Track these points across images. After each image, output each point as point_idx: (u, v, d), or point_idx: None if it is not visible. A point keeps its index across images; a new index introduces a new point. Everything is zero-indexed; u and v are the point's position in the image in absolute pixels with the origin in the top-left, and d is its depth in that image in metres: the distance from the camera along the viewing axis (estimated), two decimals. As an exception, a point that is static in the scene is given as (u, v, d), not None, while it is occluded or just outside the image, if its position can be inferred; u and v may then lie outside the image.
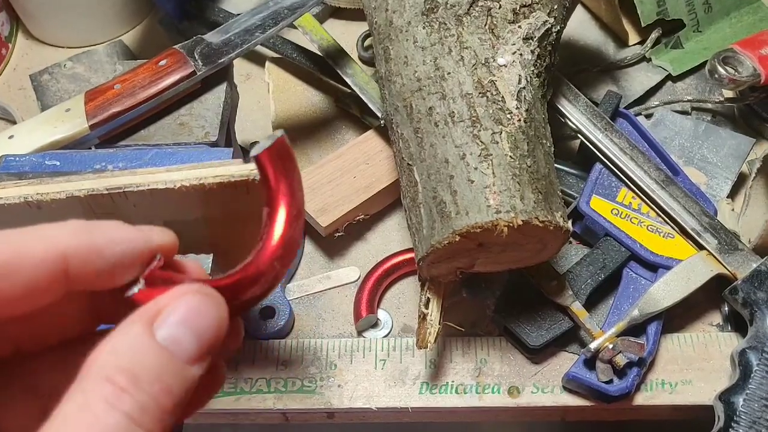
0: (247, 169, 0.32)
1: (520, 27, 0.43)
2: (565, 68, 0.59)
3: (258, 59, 0.64)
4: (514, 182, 0.39)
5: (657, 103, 0.57)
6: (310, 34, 0.57)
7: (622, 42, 0.61)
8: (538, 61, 0.44)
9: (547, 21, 0.44)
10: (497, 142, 0.40)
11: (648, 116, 0.57)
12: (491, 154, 0.40)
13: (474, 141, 0.40)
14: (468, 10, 0.43)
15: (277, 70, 0.61)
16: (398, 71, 0.44)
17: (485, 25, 0.43)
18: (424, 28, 0.44)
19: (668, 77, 0.59)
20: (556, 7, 0.45)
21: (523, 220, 0.38)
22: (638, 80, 0.59)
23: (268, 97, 0.61)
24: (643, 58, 0.60)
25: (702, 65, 0.59)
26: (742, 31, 0.60)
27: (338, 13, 0.66)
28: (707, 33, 0.61)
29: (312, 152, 0.57)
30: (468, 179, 0.39)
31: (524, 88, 0.42)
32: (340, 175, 0.53)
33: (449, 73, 0.42)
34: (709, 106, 0.57)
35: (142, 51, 0.66)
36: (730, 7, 0.61)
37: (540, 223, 0.39)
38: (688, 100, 0.57)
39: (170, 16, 0.65)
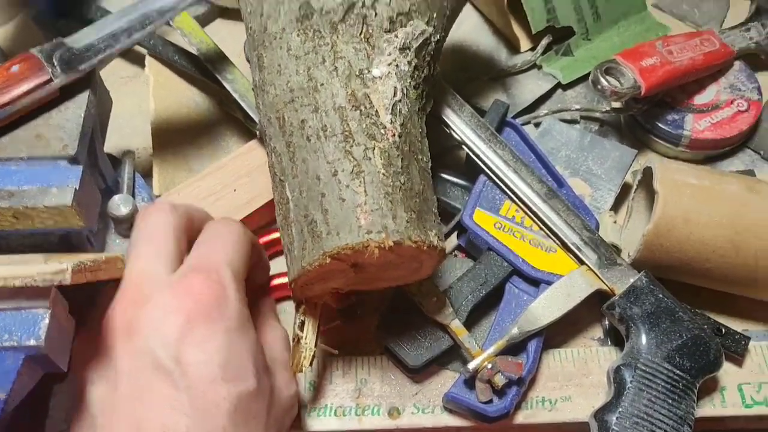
0: (51, 272, 0.30)
1: (396, 36, 0.42)
2: (455, 75, 0.58)
3: (141, 60, 0.60)
4: (387, 201, 0.38)
5: (546, 111, 0.57)
6: (189, 36, 0.54)
7: (514, 48, 0.61)
8: (416, 72, 0.42)
9: (425, 30, 0.43)
10: (370, 159, 0.38)
11: (537, 125, 0.57)
12: (363, 171, 0.38)
13: (346, 157, 0.38)
14: (343, 17, 0.41)
15: (158, 65, 0.58)
16: (271, 81, 0.42)
17: (360, 34, 0.41)
18: (298, 35, 0.42)
19: (558, 85, 0.59)
20: (435, 15, 0.44)
21: (394, 241, 0.37)
22: (528, 88, 0.59)
23: (148, 101, 0.57)
24: (534, 65, 0.60)
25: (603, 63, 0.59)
26: (629, 39, 0.61)
27: (226, 13, 0.63)
28: (596, 41, 0.61)
29: (193, 160, 0.54)
30: (339, 197, 0.38)
31: (400, 101, 0.41)
32: (221, 188, 0.50)
33: (322, 85, 0.40)
34: (597, 115, 0.57)
35: (15, 49, 0.62)
36: (618, 16, 0.62)
37: (413, 243, 0.37)
38: (576, 109, 0.57)
39: (45, 12, 0.61)
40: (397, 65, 0.41)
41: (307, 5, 0.42)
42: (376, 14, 0.42)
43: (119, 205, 0.45)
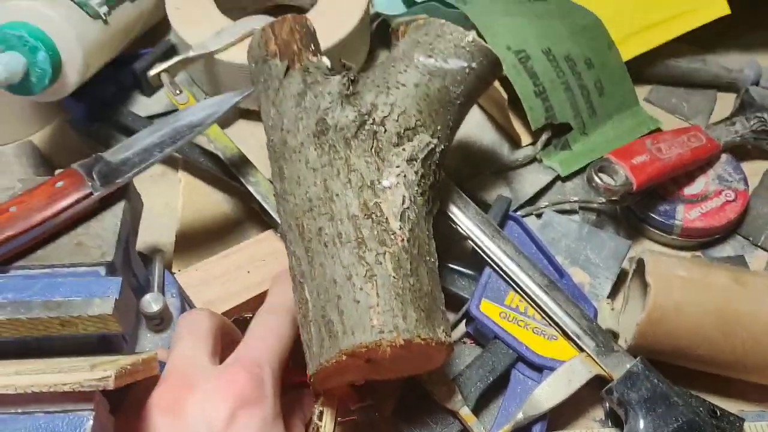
0: (96, 379, 0.34)
1: (404, 149, 0.46)
2: (461, 170, 0.63)
3: (170, 161, 0.65)
4: (397, 302, 0.41)
5: (546, 203, 0.61)
6: (214, 142, 0.59)
7: (515, 143, 0.65)
8: (422, 180, 0.46)
9: (430, 142, 0.47)
10: (381, 263, 0.42)
11: (539, 215, 0.61)
12: (375, 275, 0.42)
13: (360, 262, 0.42)
14: (355, 133, 0.46)
15: (188, 166, 0.63)
16: (291, 191, 0.46)
17: (371, 148, 0.46)
18: (315, 149, 0.46)
19: (558, 177, 0.63)
20: (439, 127, 0.48)
21: (405, 339, 0.40)
22: (530, 181, 0.63)
23: (177, 197, 0.62)
24: (535, 159, 0.64)
25: (588, 166, 0.63)
26: (624, 133, 0.65)
27: (247, 114, 0.68)
28: (593, 135, 0.65)
29: (216, 250, 0.58)
30: (354, 299, 0.41)
31: (408, 208, 0.45)
32: (236, 269, 0.54)
33: (337, 195, 0.44)
34: (595, 206, 0.61)
35: (52, 151, 0.67)
36: (612, 111, 0.66)
37: (422, 341, 0.41)
38: (575, 201, 0.61)
39: (80, 117, 0.66)
40: (405, 176, 0.45)
41: (323, 122, 0.46)
42: (385, 130, 0.46)
43: (150, 303, 0.49)
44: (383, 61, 0.51)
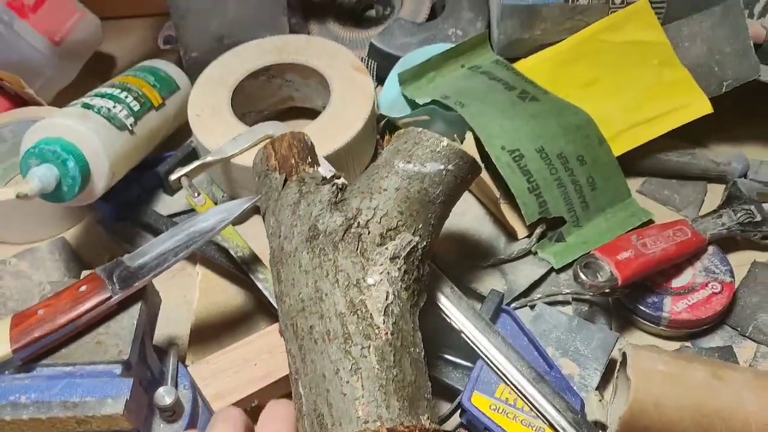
0: None
1: (387, 248, 0.50)
2: (459, 262, 0.66)
3: (190, 255, 0.70)
4: (381, 392, 0.44)
5: (540, 295, 0.64)
6: (228, 241, 0.63)
7: (512, 236, 0.69)
8: (406, 275, 0.50)
9: (412, 240, 0.51)
10: (366, 356, 0.46)
11: (532, 307, 0.64)
12: (360, 368, 0.45)
13: (346, 356, 0.46)
14: (343, 236, 0.50)
15: (208, 262, 0.68)
16: (287, 292, 0.50)
17: (357, 249, 0.50)
18: (307, 253, 0.50)
19: (552, 269, 0.66)
20: (421, 226, 0.52)
21: (388, 428, 0.43)
22: (525, 273, 0.66)
23: (194, 290, 0.67)
24: (530, 252, 0.67)
25: (582, 257, 0.66)
26: (616, 226, 0.68)
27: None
28: (586, 228, 0.68)
29: (226, 342, 0.62)
30: (341, 392, 0.45)
31: (392, 303, 0.48)
32: (243, 362, 0.58)
33: (327, 295, 0.48)
34: (586, 297, 0.63)
35: (82, 248, 0.72)
36: (604, 204, 0.69)
37: (405, 428, 0.44)
38: (567, 293, 0.64)
39: (107, 216, 0.72)
40: (388, 273, 0.49)
41: (315, 228, 0.51)
42: (369, 232, 0.50)
43: (164, 396, 0.53)
44: (369, 168, 0.55)
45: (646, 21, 0.76)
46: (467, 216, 0.71)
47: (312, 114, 0.82)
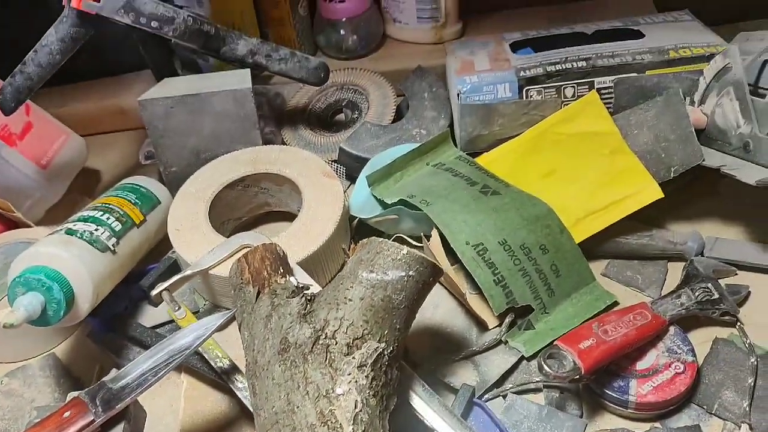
0: None
1: (354, 358, 0.53)
2: (432, 356, 0.68)
3: (173, 365, 0.72)
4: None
5: (511, 385, 0.66)
6: (207, 352, 0.66)
7: (483, 326, 0.71)
8: (374, 382, 0.52)
9: (378, 347, 0.54)
10: (336, 466, 0.48)
11: (505, 396, 0.66)
12: (331, 478, 0.47)
13: (318, 467, 0.48)
14: (311, 348, 0.53)
15: (192, 371, 0.70)
16: (261, 406, 0.53)
17: (325, 360, 0.52)
18: (279, 366, 0.53)
19: (524, 357, 0.69)
20: (386, 332, 0.55)
21: None
22: (496, 363, 0.68)
23: (179, 400, 0.69)
24: (501, 341, 0.70)
25: (552, 343, 0.69)
26: (582, 310, 0.71)
27: (242, 316, 0.75)
28: (554, 314, 0.71)
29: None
30: (316, 504, 0.47)
31: (360, 411, 0.50)
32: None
33: (298, 407, 0.50)
34: (556, 384, 0.66)
35: (72, 362, 0.75)
36: (569, 290, 0.72)
37: None
38: (538, 381, 0.66)
39: (96, 329, 0.74)
40: (356, 381, 0.52)
41: (285, 340, 0.53)
42: (336, 342, 0.53)
43: None
44: (335, 279, 0.58)
45: (597, 112, 0.80)
46: (440, 309, 0.74)
47: (287, 216, 0.86)
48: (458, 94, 0.84)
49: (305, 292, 0.58)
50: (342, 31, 1.02)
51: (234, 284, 0.62)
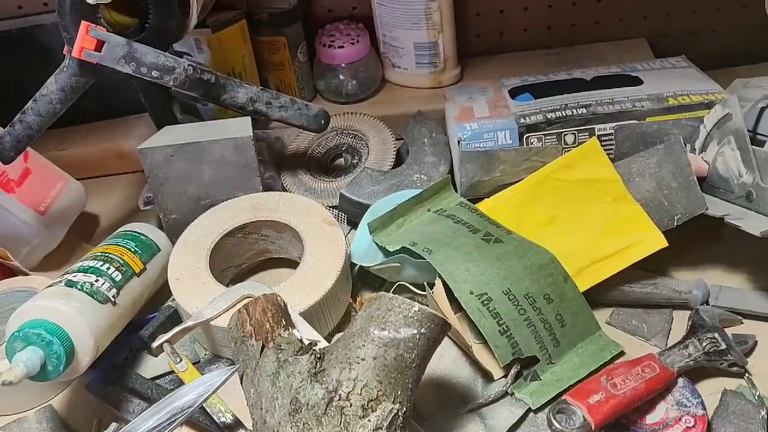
0: None
1: (369, 420, 0.52)
2: (437, 410, 0.67)
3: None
4: None
5: (519, 439, 0.65)
6: (210, 407, 0.65)
7: (488, 376, 0.71)
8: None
9: (393, 409, 0.53)
10: None
11: (513, 452, 0.65)
12: None
13: None
14: (325, 410, 0.52)
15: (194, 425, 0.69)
16: (271, 469, 0.52)
17: (340, 423, 0.51)
18: (291, 427, 0.52)
19: (530, 409, 0.68)
20: (400, 392, 0.54)
21: None
22: (503, 416, 0.67)
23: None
24: (507, 393, 0.69)
25: (559, 395, 0.68)
26: (588, 360, 0.70)
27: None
28: (559, 364, 0.70)
29: None
30: None
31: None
32: None
33: (312, 473, 0.50)
34: (565, 437, 0.65)
35: (70, 413, 0.73)
36: (575, 339, 0.72)
37: None
38: (546, 435, 0.65)
39: (95, 381, 0.73)
40: (370, 445, 0.51)
41: (296, 401, 0.52)
42: (351, 405, 0.52)
43: None
44: (345, 334, 0.57)
45: (598, 159, 0.80)
46: (445, 359, 0.73)
47: (287, 263, 0.85)
48: (459, 141, 0.84)
49: (314, 348, 0.57)
50: (341, 76, 1.02)
51: (235, 337, 0.61)
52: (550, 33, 1.08)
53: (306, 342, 0.60)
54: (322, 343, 0.63)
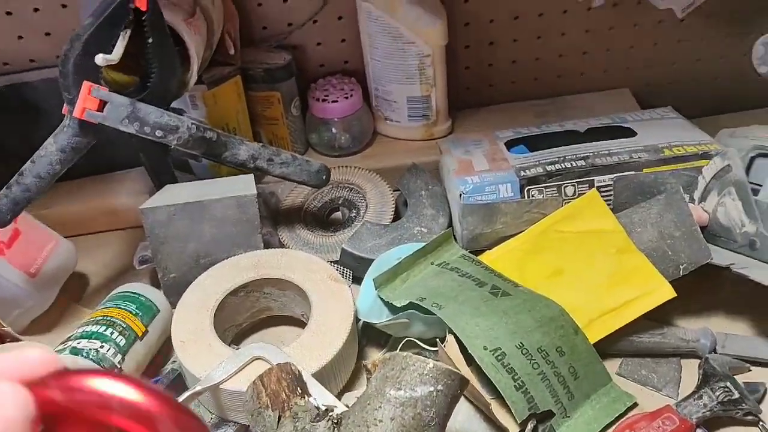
0: None
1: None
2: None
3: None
4: None
5: (541, 497, 0.64)
6: (224, 476, 0.63)
7: (504, 433, 0.70)
8: None
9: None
10: None
11: None
12: None
13: None
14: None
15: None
16: None
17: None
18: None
19: (549, 464, 0.67)
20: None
21: None
22: (522, 472, 0.66)
23: None
24: (524, 453, 0.68)
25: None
26: (602, 412, 0.70)
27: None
28: (574, 417, 0.70)
29: None
30: None
31: None
32: None
33: None
34: (587, 494, 0.64)
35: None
36: (588, 391, 0.71)
37: None
38: (568, 492, 0.64)
39: None
40: None
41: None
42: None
43: None
44: (361, 397, 0.56)
45: (599, 210, 0.82)
46: (459, 415, 0.72)
47: (288, 321, 0.83)
48: (461, 195, 0.84)
49: (330, 414, 0.56)
50: (334, 130, 1.02)
51: (251, 409, 0.59)
52: (537, 84, 1.10)
53: (322, 408, 0.58)
54: (339, 407, 0.62)
